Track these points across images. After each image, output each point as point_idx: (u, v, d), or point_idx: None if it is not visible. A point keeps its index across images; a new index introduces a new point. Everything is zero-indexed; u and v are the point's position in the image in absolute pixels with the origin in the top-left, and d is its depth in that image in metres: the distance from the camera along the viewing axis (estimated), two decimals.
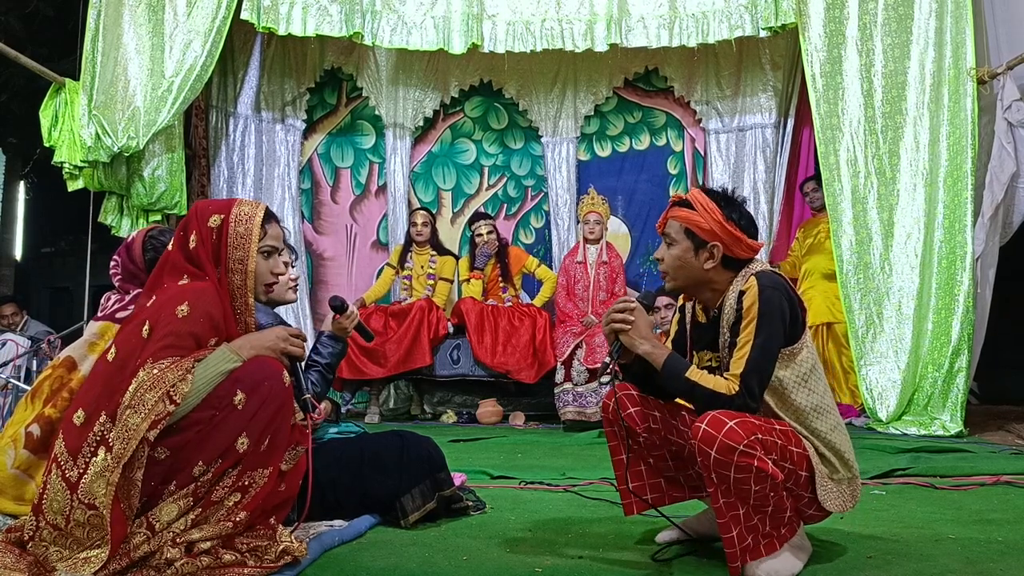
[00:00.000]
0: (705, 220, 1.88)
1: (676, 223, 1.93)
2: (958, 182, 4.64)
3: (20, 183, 12.55)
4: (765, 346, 1.77)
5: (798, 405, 1.82)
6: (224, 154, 6.06)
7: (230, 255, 1.86)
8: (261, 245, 1.91)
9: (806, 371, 1.83)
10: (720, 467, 1.65)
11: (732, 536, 1.67)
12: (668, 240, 1.94)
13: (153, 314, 1.77)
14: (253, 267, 1.87)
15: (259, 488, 1.73)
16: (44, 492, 1.67)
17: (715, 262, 1.89)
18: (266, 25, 5.25)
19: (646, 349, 1.85)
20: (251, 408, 1.71)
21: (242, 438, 1.69)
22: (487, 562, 1.87)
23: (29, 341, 5.09)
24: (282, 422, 1.77)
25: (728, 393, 1.75)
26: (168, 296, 1.78)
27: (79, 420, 1.69)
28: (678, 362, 1.84)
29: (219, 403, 1.69)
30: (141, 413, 1.59)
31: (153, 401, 1.60)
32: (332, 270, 6.54)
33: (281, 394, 1.76)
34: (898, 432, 4.48)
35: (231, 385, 1.70)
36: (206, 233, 1.86)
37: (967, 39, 4.67)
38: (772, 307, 1.78)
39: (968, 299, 4.55)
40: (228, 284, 1.86)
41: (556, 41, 5.44)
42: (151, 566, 1.62)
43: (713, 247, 1.88)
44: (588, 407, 4.90)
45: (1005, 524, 2.26)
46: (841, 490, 1.84)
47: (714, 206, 1.89)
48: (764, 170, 6.06)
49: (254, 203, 1.94)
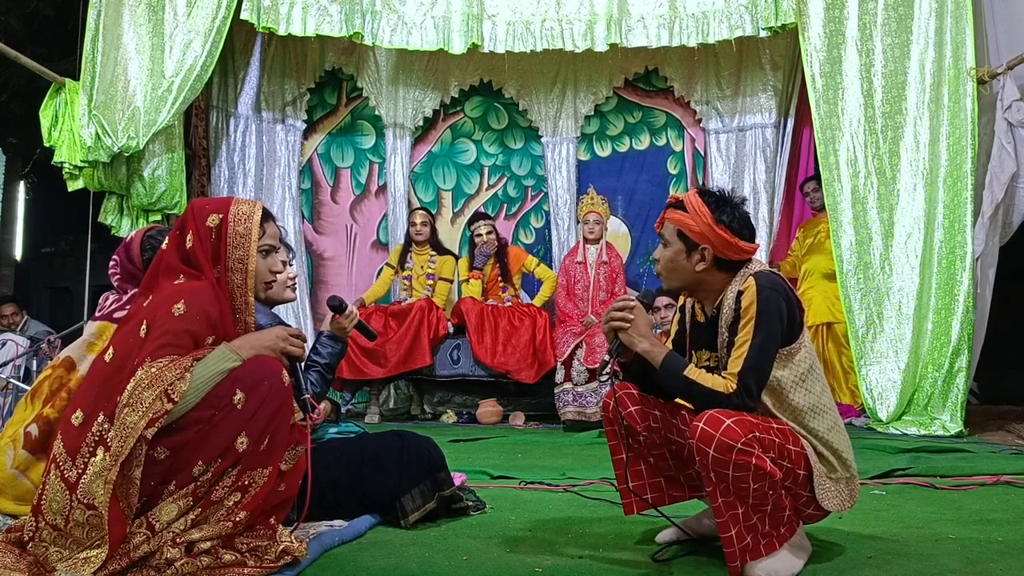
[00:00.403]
0: (696, 223, 1.89)
1: (670, 225, 1.96)
2: (958, 182, 4.64)
3: (20, 183, 12.55)
4: (763, 346, 1.77)
5: (795, 405, 1.82)
6: (225, 154, 6.06)
7: (230, 254, 1.86)
8: (260, 244, 1.91)
9: (804, 371, 1.84)
10: (718, 465, 1.65)
11: (731, 535, 1.67)
12: (663, 241, 1.97)
13: (150, 314, 1.77)
14: (254, 266, 1.87)
15: (259, 488, 1.73)
16: (43, 493, 1.67)
17: (706, 264, 1.90)
18: (266, 25, 5.25)
19: (644, 347, 1.87)
20: (250, 407, 1.71)
21: (241, 437, 1.69)
22: (487, 562, 1.87)
23: (29, 341, 5.09)
24: (282, 421, 1.77)
25: (725, 392, 1.75)
26: (164, 295, 1.78)
27: (77, 420, 1.69)
28: (676, 361, 1.85)
29: (218, 403, 1.69)
30: (139, 411, 1.59)
31: (151, 399, 1.60)
32: (332, 270, 6.54)
33: (280, 393, 1.76)
34: (898, 432, 4.48)
35: (230, 384, 1.70)
36: (204, 232, 1.86)
37: (967, 39, 4.66)
38: (770, 307, 1.79)
39: (968, 299, 4.55)
40: (228, 283, 1.86)
41: (556, 41, 5.44)
42: (151, 566, 1.62)
43: (703, 249, 1.89)
44: (588, 407, 4.90)
45: (1005, 524, 2.26)
46: (839, 489, 1.84)
47: (705, 209, 1.89)
48: (764, 170, 6.06)
49: (251, 202, 1.94)
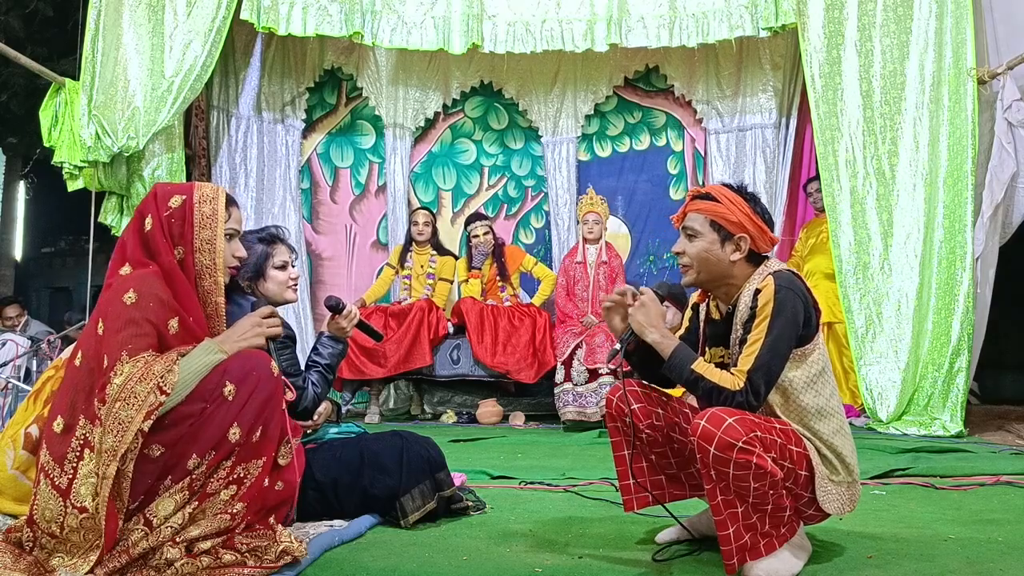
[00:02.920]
0: (732, 212, 1.88)
1: (700, 216, 1.92)
2: (958, 182, 4.64)
3: (20, 183, 12.56)
4: (775, 345, 1.76)
5: (803, 406, 1.82)
6: (226, 154, 6.05)
7: (196, 235, 1.86)
8: (226, 228, 1.91)
9: (816, 373, 1.83)
10: (719, 464, 1.65)
11: (728, 534, 1.67)
12: (690, 233, 1.93)
13: (103, 309, 1.77)
14: (222, 246, 1.87)
15: (254, 479, 1.73)
16: (35, 503, 1.68)
17: (742, 254, 1.89)
18: (266, 25, 5.25)
19: (655, 338, 1.85)
20: (241, 398, 1.71)
21: (234, 428, 1.69)
22: (487, 562, 1.87)
23: (29, 341, 5.09)
24: (273, 410, 1.77)
25: (732, 388, 1.74)
26: (113, 289, 1.78)
27: (59, 428, 1.70)
28: (685, 353, 1.83)
29: (209, 396, 1.69)
30: (134, 405, 1.60)
31: (144, 393, 1.61)
32: (331, 270, 6.53)
33: (270, 383, 1.76)
34: (898, 432, 4.48)
35: (219, 377, 1.71)
36: (167, 214, 1.85)
37: (967, 39, 4.66)
38: (786, 307, 1.78)
39: (968, 299, 4.55)
40: (196, 264, 1.86)
41: (556, 41, 5.44)
42: (151, 566, 1.62)
43: (740, 239, 1.89)
44: (588, 407, 4.89)
45: (1005, 524, 2.26)
46: (840, 492, 1.83)
47: (740, 199, 1.90)
48: (764, 170, 6.06)
49: (214, 186, 1.95)
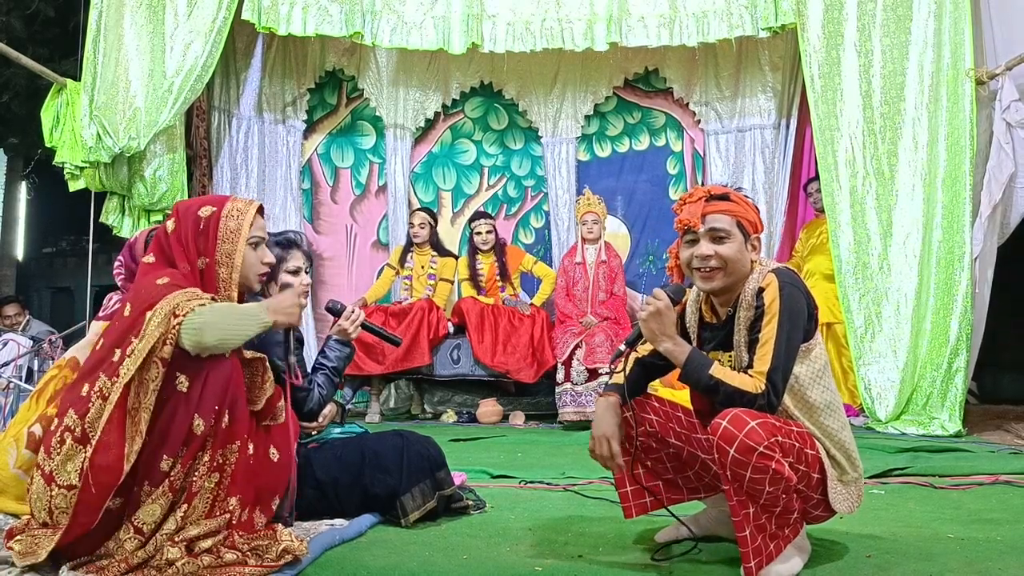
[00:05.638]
0: (749, 212, 1.90)
1: (726, 217, 1.87)
2: (956, 182, 4.64)
3: (21, 183, 12.57)
4: (788, 343, 1.76)
5: (812, 402, 1.82)
6: (227, 155, 6.05)
7: (219, 248, 1.89)
8: (250, 236, 1.93)
9: (820, 367, 1.84)
10: (736, 466, 1.64)
11: (746, 535, 1.66)
12: (719, 235, 1.86)
13: (133, 293, 1.82)
14: (240, 261, 1.90)
15: (234, 464, 1.73)
16: (30, 497, 1.72)
17: (757, 255, 1.90)
18: (266, 25, 5.25)
19: (667, 347, 1.81)
20: (195, 390, 1.68)
21: (196, 420, 1.67)
22: (487, 561, 1.87)
23: (31, 341, 5.10)
24: (235, 394, 1.74)
25: (754, 391, 1.72)
26: (144, 276, 1.85)
27: (54, 426, 1.73)
28: (701, 359, 1.80)
29: (163, 391, 1.68)
30: (147, 339, 1.65)
31: (157, 322, 1.66)
32: (332, 270, 6.53)
33: (224, 368, 1.72)
34: (897, 432, 4.48)
35: (171, 370, 1.68)
36: (194, 222, 1.90)
37: (966, 40, 4.65)
38: (793, 304, 1.78)
39: (966, 299, 4.55)
40: (215, 276, 1.88)
41: (556, 41, 5.44)
42: (152, 566, 1.63)
43: (755, 239, 1.90)
44: (588, 407, 4.90)
45: (1004, 524, 2.26)
46: (849, 492, 1.85)
47: (748, 199, 1.93)
48: (763, 171, 6.06)
49: (248, 200, 1.97)
